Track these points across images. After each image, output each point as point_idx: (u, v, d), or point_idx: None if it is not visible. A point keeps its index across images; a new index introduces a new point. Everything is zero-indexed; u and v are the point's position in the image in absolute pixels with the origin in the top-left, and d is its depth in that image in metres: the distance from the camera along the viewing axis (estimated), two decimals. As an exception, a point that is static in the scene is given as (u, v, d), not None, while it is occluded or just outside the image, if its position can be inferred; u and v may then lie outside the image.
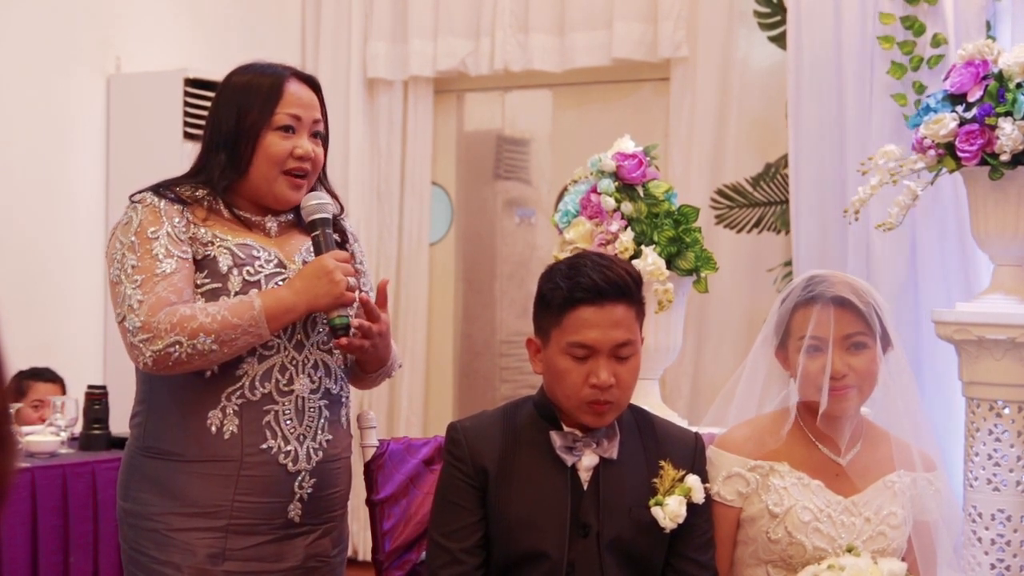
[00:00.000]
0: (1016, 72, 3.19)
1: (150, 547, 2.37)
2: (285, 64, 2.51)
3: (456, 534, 2.32)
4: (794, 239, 4.73)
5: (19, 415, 4.35)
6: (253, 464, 2.36)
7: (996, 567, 3.23)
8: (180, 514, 2.36)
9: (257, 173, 2.42)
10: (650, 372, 3.32)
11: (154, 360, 2.28)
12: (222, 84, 2.49)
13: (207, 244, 2.38)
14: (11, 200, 4.84)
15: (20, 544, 3.66)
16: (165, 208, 2.38)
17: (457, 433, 2.38)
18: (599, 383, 2.27)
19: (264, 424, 2.37)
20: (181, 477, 2.36)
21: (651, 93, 5.63)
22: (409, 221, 5.98)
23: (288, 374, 2.39)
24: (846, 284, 2.48)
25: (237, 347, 2.31)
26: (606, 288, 2.27)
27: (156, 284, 2.30)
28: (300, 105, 2.44)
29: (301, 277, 2.37)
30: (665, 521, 2.32)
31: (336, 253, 2.40)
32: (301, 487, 2.41)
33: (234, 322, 2.29)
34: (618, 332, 2.28)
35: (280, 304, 2.33)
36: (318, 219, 2.44)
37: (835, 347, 2.42)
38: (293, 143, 2.43)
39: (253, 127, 2.40)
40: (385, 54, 5.95)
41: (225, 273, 2.36)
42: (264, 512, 2.38)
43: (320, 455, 2.43)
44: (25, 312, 4.76)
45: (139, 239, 2.35)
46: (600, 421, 2.32)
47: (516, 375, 5.91)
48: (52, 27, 4.99)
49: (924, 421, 2.61)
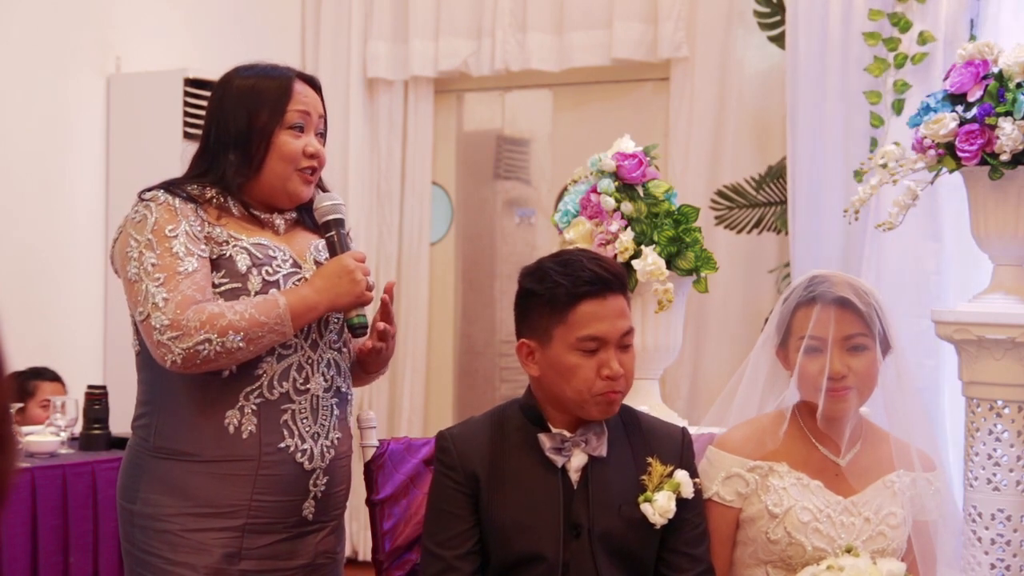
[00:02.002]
0: (1016, 72, 3.19)
1: (163, 548, 2.36)
2: (288, 66, 2.52)
3: (450, 542, 2.33)
4: (791, 239, 4.73)
5: (28, 415, 4.36)
6: (271, 463, 2.37)
7: (996, 567, 3.23)
8: (195, 515, 2.35)
9: (271, 172, 2.43)
10: (650, 372, 3.32)
11: (183, 358, 2.27)
12: (223, 86, 2.48)
13: (223, 243, 2.37)
14: (11, 200, 4.83)
15: (20, 544, 3.66)
16: (180, 207, 2.37)
17: (446, 441, 2.39)
18: (612, 374, 2.29)
19: (282, 423, 2.38)
20: (197, 478, 2.36)
21: (650, 93, 5.63)
22: (409, 221, 5.98)
23: (304, 373, 2.41)
24: (848, 285, 2.48)
25: (263, 345, 2.32)
26: (608, 279, 2.31)
27: (180, 282, 2.29)
28: (308, 104, 2.46)
29: (322, 276, 2.39)
30: (655, 517, 2.33)
31: (354, 253, 2.42)
32: (315, 485, 2.43)
33: (261, 320, 2.29)
34: (623, 321, 2.32)
35: (304, 302, 2.34)
36: (332, 219, 2.46)
37: (834, 348, 2.42)
38: (304, 141, 2.44)
39: (266, 127, 2.41)
40: (385, 54, 5.95)
41: (244, 273, 2.36)
42: (281, 511, 2.40)
43: (332, 453, 2.45)
44: (25, 312, 4.75)
45: (156, 237, 2.33)
46: (610, 411, 2.34)
47: (516, 375, 5.90)
48: (52, 27, 4.99)
49: (924, 421, 2.62)
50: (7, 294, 4.46)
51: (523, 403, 2.41)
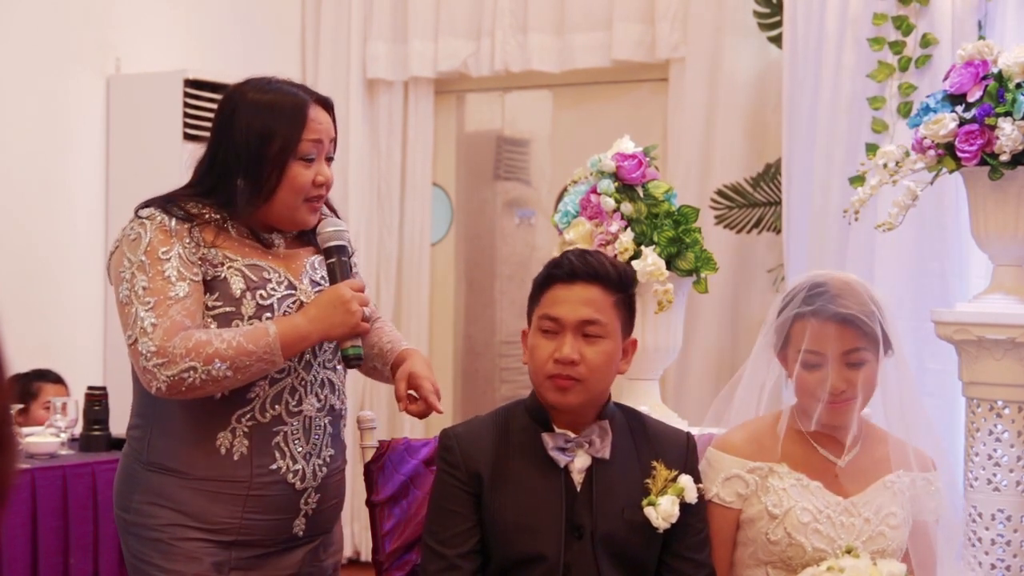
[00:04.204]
0: (1016, 72, 3.19)
1: (154, 556, 2.37)
2: (303, 86, 2.47)
3: (452, 540, 2.33)
4: (785, 240, 4.73)
5: (31, 416, 4.36)
6: (262, 484, 2.37)
7: (996, 567, 3.23)
8: (186, 526, 2.36)
9: (281, 203, 2.38)
10: (650, 372, 3.32)
11: (168, 386, 2.26)
12: (235, 99, 2.41)
13: (218, 265, 2.34)
14: (11, 200, 4.83)
15: (20, 545, 3.66)
16: (176, 228, 2.33)
17: (450, 440, 2.39)
18: (561, 357, 2.30)
19: (273, 445, 2.37)
20: (188, 494, 2.36)
21: (650, 94, 5.63)
22: (410, 221, 5.98)
23: (297, 395, 2.40)
24: (849, 293, 2.42)
25: (251, 374, 2.30)
26: (580, 269, 2.34)
27: (169, 307, 2.27)
28: (321, 131, 2.41)
29: (317, 305, 2.36)
30: (658, 521, 2.32)
31: (352, 283, 2.39)
32: (307, 503, 2.43)
33: (249, 348, 2.27)
34: (585, 309, 2.32)
35: (295, 332, 2.32)
36: (334, 247, 2.43)
37: (834, 363, 2.40)
38: (315, 171, 2.39)
39: (279, 156, 2.35)
40: (385, 55, 5.95)
41: (239, 297, 2.34)
42: (272, 529, 2.40)
43: (324, 471, 2.45)
44: (25, 312, 4.75)
45: (149, 259, 2.30)
46: (562, 399, 2.33)
47: (516, 375, 5.91)
48: (52, 27, 4.99)
49: (924, 422, 2.61)
50: (7, 294, 4.46)
51: (528, 403, 2.42)
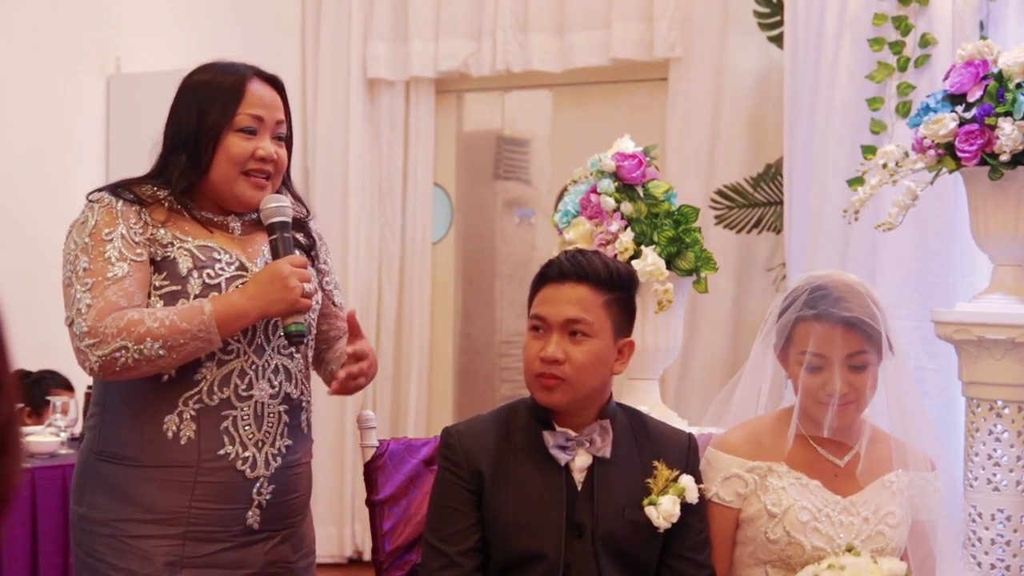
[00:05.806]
0: (1016, 72, 3.19)
1: (107, 553, 2.34)
2: (248, 63, 2.46)
3: (453, 538, 2.33)
4: (786, 239, 4.73)
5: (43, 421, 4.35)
6: (210, 470, 2.33)
7: (996, 567, 3.23)
8: (137, 520, 2.33)
9: (217, 174, 2.37)
10: (650, 372, 3.32)
11: (100, 366, 2.24)
12: (183, 83, 2.44)
13: (167, 245, 2.33)
14: (11, 200, 4.83)
15: (20, 544, 3.66)
16: (122, 209, 2.34)
17: (451, 437, 2.39)
18: (546, 356, 2.31)
19: (222, 430, 2.34)
20: (137, 483, 2.33)
21: (649, 93, 5.64)
22: (411, 221, 5.99)
23: (248, 379, 2.36)
24: (851, 295, 2.42)
25: (187, 353, 2.27)
26: (569, 269, 2.35)
27: (106, 288, 2.26)
28: (262, 106, 2.40)
29: (255, 282, 2.33)
30: (659, 520, 2.33)
31: (292, 258, 2.35)
32: (259, 493, 2.38)
33: (183, 327, 2.24)
34: (571, 309, 2.33)
35: (231, 309, 2.28)
36: (276, 223, 2.39)
37: (838, 366, 2.40)
38: (255, 144, 2.38)
39: (214, 128, 2.36)
40: (386, 54, 5.95)
41: (185, 276, 2.32)
42: (222, 519, 2.36)
43: (279, 461, 2.41)
44: (25, 312, 4.70)
45: (93, 240, 2.31)
46: (548, 397, 2.34)
47: (516, 375, 5.90)
48: (52, 27, 4.99)
49: (924, 421, 2.61)
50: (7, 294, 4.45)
51: (530, 402, 2.42)
